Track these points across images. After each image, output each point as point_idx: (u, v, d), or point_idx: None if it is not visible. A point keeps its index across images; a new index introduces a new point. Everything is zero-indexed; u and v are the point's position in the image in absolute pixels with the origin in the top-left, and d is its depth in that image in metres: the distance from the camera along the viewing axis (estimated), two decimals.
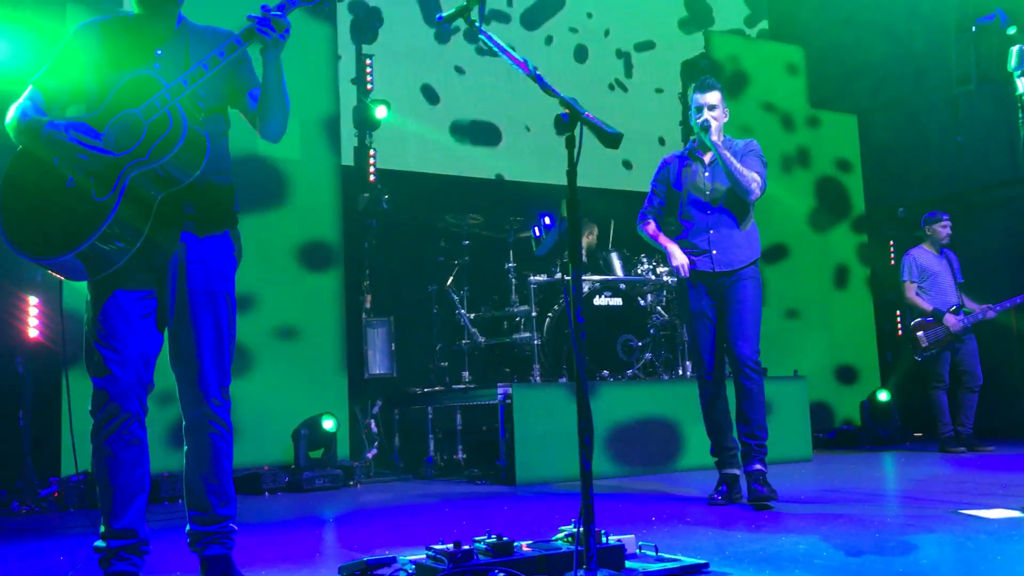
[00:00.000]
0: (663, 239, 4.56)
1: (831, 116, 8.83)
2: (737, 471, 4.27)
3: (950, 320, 6.80)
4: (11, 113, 2.65)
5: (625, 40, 8.83)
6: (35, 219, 2.56)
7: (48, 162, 2.56)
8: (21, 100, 2.67)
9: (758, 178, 4.36)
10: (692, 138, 4.60)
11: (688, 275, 4.40)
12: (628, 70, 8.82)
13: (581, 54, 8.54)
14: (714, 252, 4.39)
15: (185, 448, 2.73)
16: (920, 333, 6.90)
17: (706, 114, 4.37)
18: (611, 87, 8.72)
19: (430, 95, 7.80)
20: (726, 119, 4.46)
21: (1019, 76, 3.57)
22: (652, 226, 4.62)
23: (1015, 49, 3.57)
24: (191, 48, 2.72)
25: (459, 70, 7.93)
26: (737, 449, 4.29)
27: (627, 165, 8.58)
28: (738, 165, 4.31)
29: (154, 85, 2.57)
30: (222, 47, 2.61)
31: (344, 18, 7.14)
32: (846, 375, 8.48)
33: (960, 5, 8.64)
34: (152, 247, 2.60)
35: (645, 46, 8.86)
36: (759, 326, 4.35)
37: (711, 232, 4.42)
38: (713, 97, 4.40)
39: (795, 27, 9.54)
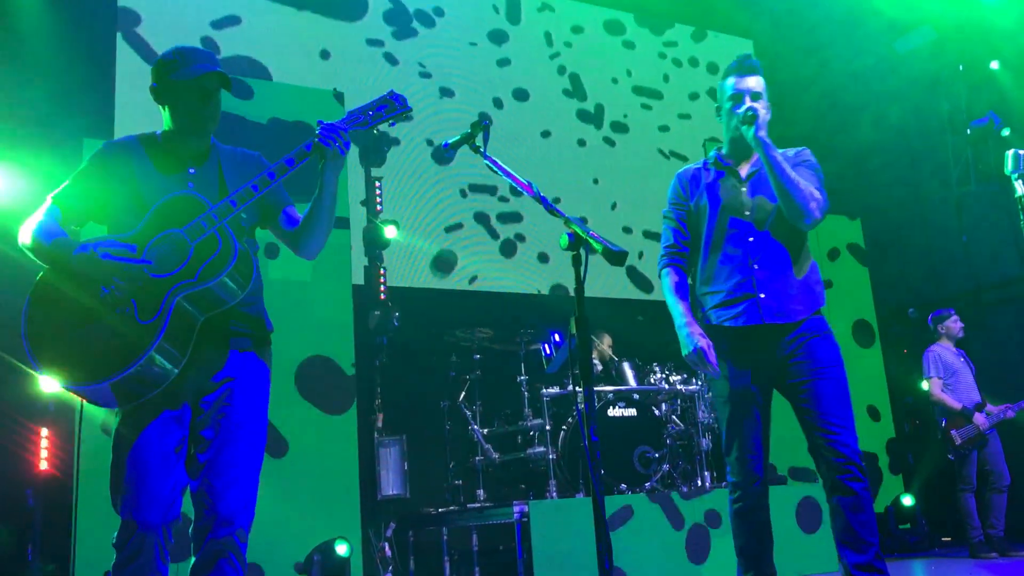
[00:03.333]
0: (679, 305, 3.30)
1: (833, 218, 8.91)
2: None
3: (979, 419, 6.70)
4: (28, 231, 2.58)
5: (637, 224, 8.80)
6: (68, 343, 2.44)
7: (80, 282, 2.47)
8: (38, 216, 2.61)
9: (818, 195, 3.20)
10: (715, 148, 3.51)
11: (713, 359, 3.20)
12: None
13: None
14: (761, 296, 3.20)
15: None
16: (954, 431, 6.78)
17: (748, 102, 3.28)
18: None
19: (437, 212, 7.94)
20: (769, 118, 3.27)
21: (1017, 179, 3.62)
22: (673, 277, 3.38)
23: (1011, 153, 3.63)
24: (224, 168, 2.73)
25: (463, 193, 8.08)
26: None
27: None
28: (792, 173, 3.17)
29: (197, 205, 2.55)
30: (272, 168, 2.62)
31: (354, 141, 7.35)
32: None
33: (951, 98, 8.85)
34: (192, 367, 2.54)
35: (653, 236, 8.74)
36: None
37: (755, 267, 3.22)
38: (756, 83, 3.32)
39: (789, 129, 9.74)
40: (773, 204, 3.26)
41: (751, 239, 3.26)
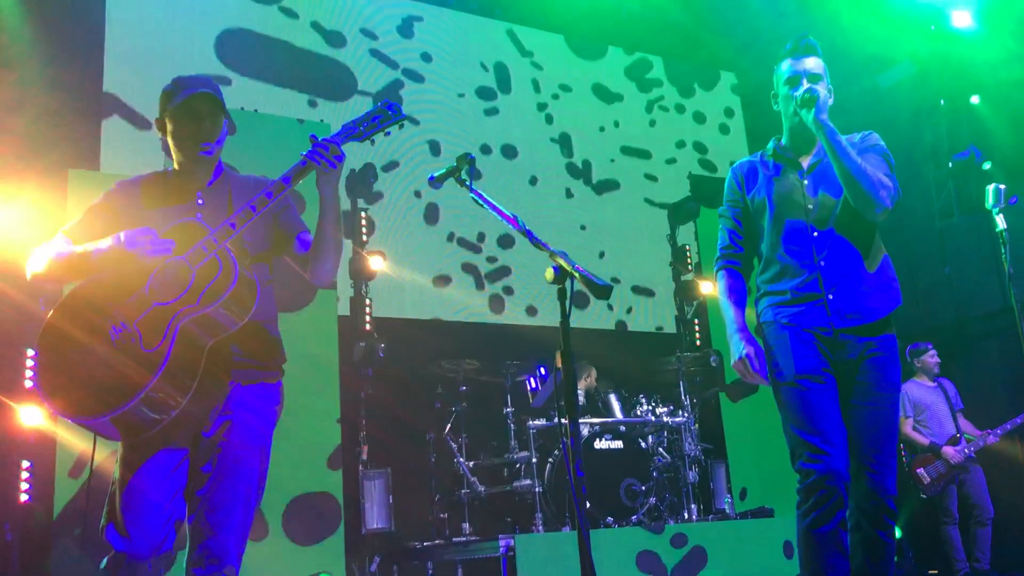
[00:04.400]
0: (732, 310, 3.08)
1: None
2: None
3: (948, 452, 6.68)
4: (39, 259, 2.60)
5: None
6: (75, 377, 2.45)
7: (91, 315, 2.48)
8: (47, 246, 2.62)
9: (888, 182, 2.98)
10: (774, 139, 3.24)
11: (756, 367, 2.97)
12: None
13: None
14: (830, 297, 2.94)
15: None
16: (920, 470, 6.76)
17: (806, 84, 3.03)
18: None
19: (422, 247, 7.93)
20: (831, 102, 3.08)
21: (998, 213, 3.65)
22: (728, 280, 3.15)
23: (991, 188, 3.66)
24: (234, 194, 2.73)
25: (452, 238, 8.07)
26: None
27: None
28: (859, 159, 2.94)
29: (199, 230, 2.54)
30: (269, 188, 2.59)
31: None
32: None
33: (933, 131, 8.92)
34: (193, 400, 2.49)
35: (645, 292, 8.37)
36: None
37: (822, 264, 2.96)
38: (815, 64, 3.10)
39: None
40: (836, 199, 3.01)
41: (815, 235, 3.00)
